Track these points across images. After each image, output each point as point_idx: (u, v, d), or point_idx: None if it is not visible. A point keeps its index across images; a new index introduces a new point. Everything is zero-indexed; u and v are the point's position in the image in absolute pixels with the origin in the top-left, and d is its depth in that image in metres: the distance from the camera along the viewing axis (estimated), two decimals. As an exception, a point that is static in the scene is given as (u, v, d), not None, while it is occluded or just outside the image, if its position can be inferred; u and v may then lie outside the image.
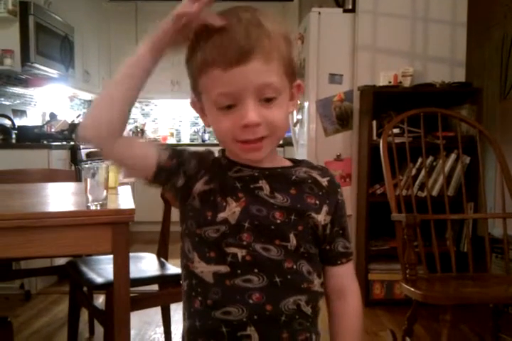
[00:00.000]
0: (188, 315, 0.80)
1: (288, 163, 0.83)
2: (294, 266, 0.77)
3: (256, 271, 0.75)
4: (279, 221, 0.76)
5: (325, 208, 0.80)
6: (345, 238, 0.84)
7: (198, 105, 0.79)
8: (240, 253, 0.75)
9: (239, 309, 0.74)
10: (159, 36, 0.73)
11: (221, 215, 0.75)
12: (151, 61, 0.73)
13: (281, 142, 4.44)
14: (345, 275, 0.85)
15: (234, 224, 0.75)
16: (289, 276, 0.76)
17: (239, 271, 0.75)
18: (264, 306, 0.75)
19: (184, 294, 0.81)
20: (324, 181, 0.82)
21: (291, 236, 0.76)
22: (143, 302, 1.70)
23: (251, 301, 0.74)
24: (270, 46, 0.71)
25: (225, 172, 0.78)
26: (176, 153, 0.78)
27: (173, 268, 1.89)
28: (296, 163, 0.84)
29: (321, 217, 0.79)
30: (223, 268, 0.75)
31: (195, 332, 0.79)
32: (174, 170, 0.77)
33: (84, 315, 2.21)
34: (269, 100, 0.73)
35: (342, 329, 0.85)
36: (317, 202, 0.79)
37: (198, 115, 0.82)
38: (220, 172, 0.78)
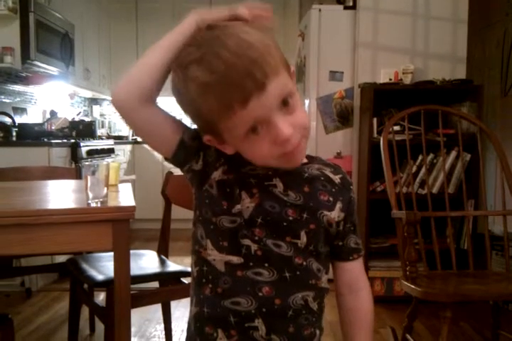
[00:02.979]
0: (197, 301, 0.81)
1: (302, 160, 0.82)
2: (304, 263, 0.78)
3: (266, 265, 0.76)
4: (291, 218, 0.76)
5: (339, 205, 0.80)
6: (356, 234, 0.86)
7: (215, 141, 0.75)
8: (253, 246, 0.75)
9: (248, 300, 0.75)
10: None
11: (237, 207, 0.75)
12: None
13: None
14: (356, 271, 0.87)
15: (247, 218, 0.75)
16: (298, 272, 0.77)
17: (251, 264, 0.76)
18: (273, 300, 0.75)
19: (194, 280, 0.82)
20: (337, 178, 0.82)
21: (302, 233, 0.77)
22: (143, 299, 1.70)
23: (260, 294, 0.75)
24: (274, 59, 0.68)
25: (240, 168, 0.78)
26: (200, 136, 0.76)
27: (174, 266, 1.89)
28: (310, 159, 0.83)
29: (335, 214, 0.79)
30: (236, 259, 0.76)
31: (203, 319, 0.79)
32: (194, 152, 0.77)
33: (85, 312, 2.22)
34: (286, 103, 0.69)
35: (355, 323, 0.87)
36: (330, 198, 0.79)
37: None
38: (236, 166, 0.77)
